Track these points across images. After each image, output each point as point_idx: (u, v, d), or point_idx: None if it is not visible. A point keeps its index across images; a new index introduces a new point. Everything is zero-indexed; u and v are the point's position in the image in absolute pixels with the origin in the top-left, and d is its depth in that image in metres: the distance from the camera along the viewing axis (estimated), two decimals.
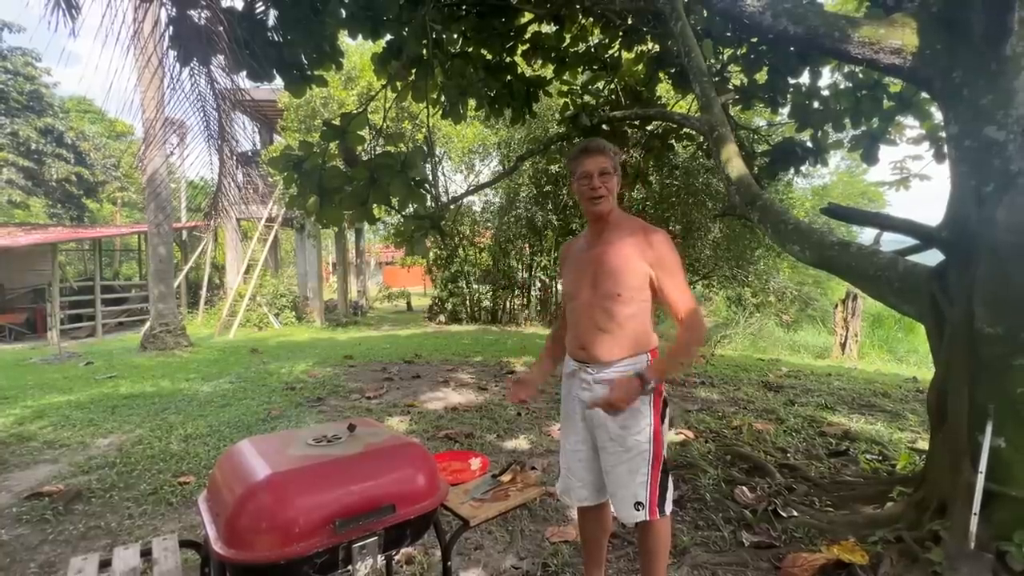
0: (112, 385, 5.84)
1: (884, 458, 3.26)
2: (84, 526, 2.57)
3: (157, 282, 8.58)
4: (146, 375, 6.42)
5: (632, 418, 1.61)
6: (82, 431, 4.10)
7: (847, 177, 20.86)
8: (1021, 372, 1.97)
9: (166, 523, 2.60)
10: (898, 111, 4.31)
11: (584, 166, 1.63)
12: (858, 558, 2.01)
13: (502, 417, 4.33)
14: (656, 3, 3.94)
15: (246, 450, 1.17)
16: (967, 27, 2.07)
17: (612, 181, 1.64)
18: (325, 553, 0.99)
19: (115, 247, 18.05)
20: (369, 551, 1.03)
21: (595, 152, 1.63)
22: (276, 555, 0.94)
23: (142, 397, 5.24)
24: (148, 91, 6.74)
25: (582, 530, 1.88)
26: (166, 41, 3.37)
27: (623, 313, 1.62)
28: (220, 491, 1.10)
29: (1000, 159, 2.02)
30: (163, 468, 3.29)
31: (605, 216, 1.67)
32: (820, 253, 2.64)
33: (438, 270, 13.83)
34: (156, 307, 8.59)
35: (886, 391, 5.28)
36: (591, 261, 1.68)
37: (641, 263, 1.61)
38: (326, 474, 1.06)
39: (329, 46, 4.16)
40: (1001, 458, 1.98)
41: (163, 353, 8.05)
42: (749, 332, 12.02)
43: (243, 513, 0.98)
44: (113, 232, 14.95)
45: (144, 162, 7.00)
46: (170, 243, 9.09)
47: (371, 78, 10.75)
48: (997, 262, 1.91)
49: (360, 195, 3.84)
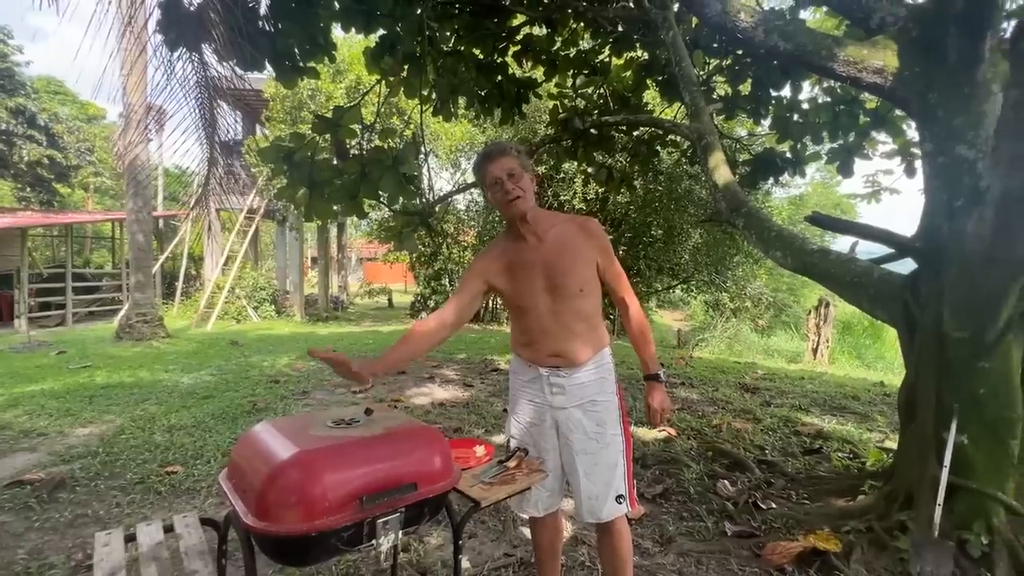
0: (87, 375, 5.70)
1: (855, 456, 3.43)
2: (71, 514, 2.55)
3: (135, 270, 8.38)
4: (123, 365, 6.28)
5: (607, 411, 1.64)
6: (59, 420, 4.01)
7: (822, 188, 21.53)
8: (984, 374, 2.12)
9: (156, 512, 2.59)
10: (873, 127, 4.51)
11: (491, 172, 1.55)
12: (832, 546, 2.14)
13: (489, 412, 4.40)
14: (648, 12, 4.06)
15: (268, 431, 1.21)
16: (943, 52, 2.22)
17: (524, 180, 1.55)
18: (351, 527, 1.04)
19: (86, 234, 17.47)
20: (392, 527, 1.08)
21: (498, 155, 1.56)
22: (307, 527, 0.99)
23: (120, 387, 5.13)
24: (131, 75, 6.59)
25: (539, 540, 1.78)
26: (152, 24, 3.32)
27: (588, 308, 1.62)
28: (244, 469, 1.14)
29: (970, 176, 2.17)
30: (148, 458, 3.25)
31: (525, 215, 1.57)
32: (801, 260, 2.78)
33: (421, 267, 13.81)
34: (133, 296, 8.39)
35: (855, 394, 5.51)
36: (538, 264, 1.58)
37: (589, 252, 1.61)
38: (351, 452, 1.11)
39: (322, 38, 4.15)
40: (964, 454, 2.13)
41: (140, 343, 7.87)
42: (726, 336, 12.34)
43: (273, 488, 1.02)
44: (87, 218, 14.50)
45: (125, 148, 6.84)
46: (149, 231, 8.88)
47: (360, 72, 10.68)
48: (965, 271, 2.06)
49: (350, 189, 3.85)
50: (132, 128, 6.78)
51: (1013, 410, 2.12)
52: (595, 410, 1.62)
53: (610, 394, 1.66)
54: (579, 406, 1.61)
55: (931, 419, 2.22)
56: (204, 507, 2.65)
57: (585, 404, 1.62)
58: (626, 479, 1.64)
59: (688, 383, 5.81)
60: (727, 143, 6.54)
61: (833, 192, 21.50)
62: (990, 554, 2.01)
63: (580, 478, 1.60)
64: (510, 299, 1.65)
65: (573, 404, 1.61)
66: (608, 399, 1.65)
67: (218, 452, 3.33)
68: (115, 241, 14.70)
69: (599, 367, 1.65)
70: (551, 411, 1.63)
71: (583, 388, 1.62)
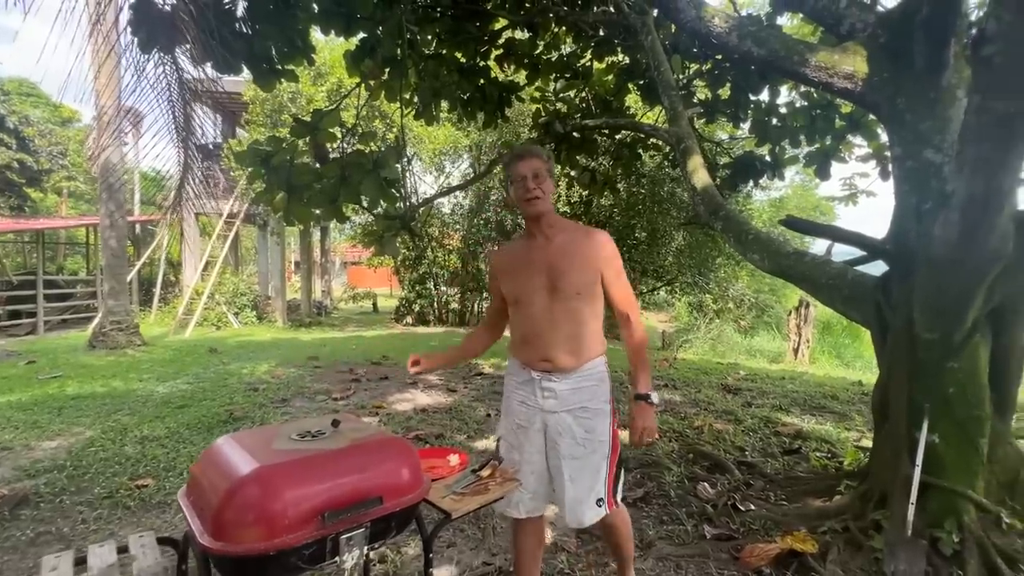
0: (58, 385, 5.53)
1: (833, 455, 3.47)
2: (32, 532, 2.45)
3: (109, 277, 8.17)
4: (95, 375, 6.11)
5: (597, 418, 1.66)
6: (25, 433, 3.88)
7: (801, 191, 21.89)
8: (953, 374, 2.16)
9: (124, 527, 2.51)
10: (848, 131, 4.60)
11: (519, 170, 1.65)
12: (809, 547, 2.15)
13: (472, 418, 4.36)
14: (628, 17, 4.08)
15: (229, 445, 1.17)
16: (910, 58, 2.26)
17: (547, 183, 1.65)
18: (313, 545, 1.01)
19: (59, 240, 17.02)
20: (356, 543, 1.05)
21: (528, 156, 1.66)
22: (266, 546, 0.95)
23: (91, 398, 4.98)
24: (103, 76, 6.44)
25: (520, 545, 1.80)
26: (122, 24, 3.23)
27: (585, 312, 1.65)
28: (203, 486, 1.10)
29: (937, 179, 2.21)
30: (118, 471, 3.16)
31: (541, 216, 1.67)
32: (778, 262, 2.81)
33: (406, 271, 13.71)
34: (107, 303, 8.17)
35: (835, 394, 5.59)
36: (542, 263, 1.65)
37: (593, 260, 1.66)
38: (314, 467, 1.07)
39: (301, 40, 4.09)
40: (935, 453, 2.16)
41: (114, 352, 7.66)
42: (709, 337, 12.45)
43: (230, 506, 0.98)
44: (59, 224, 14.11)
45: (97, 150, 6.69)
46: (124, 236, 8.68)
47: (341, 75, 10.58)
48: (933, 273, 2.09)
49: (330, 193, 3.79)
50: (104, 130, 6.63)
51: (981, 409, 2.16)
52: (585, 416, 1.65)
53: (603, 402, 1.69)
54: (570, 411, 1.65)
55: (904, 419, 2.25)
56: (174, 522, 2.57)
57: (576, 410, 1.65)
58: (607, 483, 1.67)
59: (671, 385, 5.84)
60: (708, 146, 6.63)
61: (812, 195, 21.87)
62: (961, 552, 2.03)
63: (565, 482, 1.64)
64: (510, 293, 1.73)
65: (564, 409, 1.64)
66: (600, 407, 1.67)
67: (191, 463, 3.24)
68: (89, 247, 14.34)
69: (592, 374, 1.67)
70: (541, 414, 1.67)
71: (575, 394, 1.65)
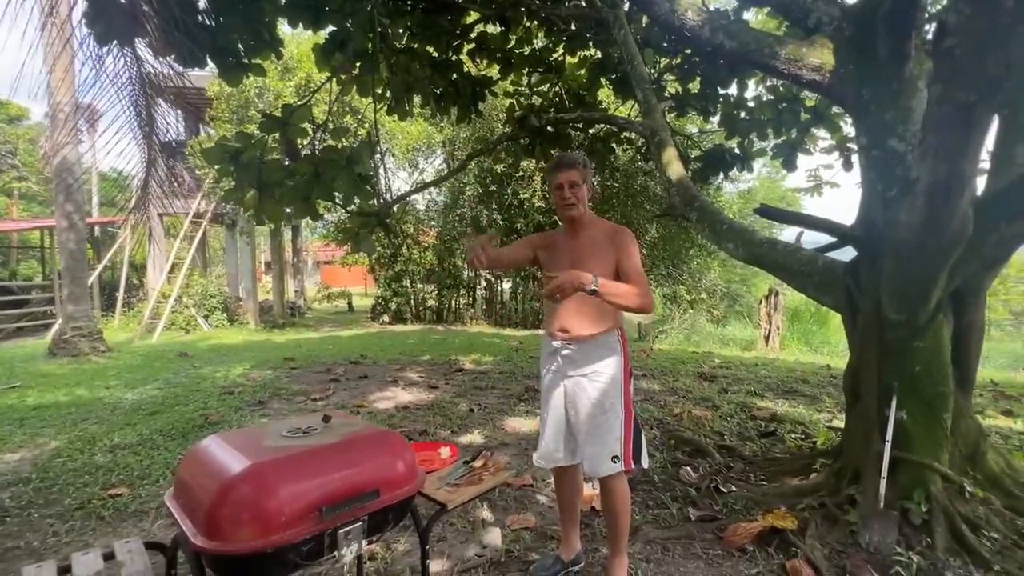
0: (17, 395, 5.27)
1: (806, 436, 3.60)
2: (0, 548, 2.34)
3: (68, 281, 7.81)
4: (58, 383, 5.85)
5: (610, 384, 1.88)
6: None
7: (768, 183, 22.51)
8: (919, 353, 2.27)
9: (99, 538, 2.42)
10: (813, 123, 4.75)
11: (557, 179, 1.93)
12: (789, 524, 2.23)
13: (454, 414, 4.35)
14: (600, 11, 4.11)
15: (218, 444, 1.14)
16: (874, 51, 2.35)
17: (582, 191, 1.92)
18: (311, 540, 0.99)
19: (11, 244, 16.18)
20: (354, 536, 1.05)
21: (565, 167, 1.92)
22: (263, 544, 0.93)
23: (55, 407, 4.77)
24: (57, 71, 6.13)
25: (559, 493, 2.11)
26: (77, 16, 3.08)
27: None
28: (192, 487, 1.07)
29: (901, 167, 2.31)
30: (89, 481, 3.04)
31: (578, 219, 1.96)
32: (751, 250, 2.89)
33: (381, 269, 13.53)
34: (67, 309, 7.82)
35: (805, 378, 5.79)
36: (570, 250, 1.96)
37: (610, 253, 1.90)
38: (308, 462, 1.06)
39: (268, 33, 3.98)
40: (904, 428, 2.27)
41: (76, 359, 7.34)
42: (684, 327, 12.69)
43: (225, 504, 0.96)
44: (11, 227, 13.41)
45: (53, 150, 6.37)
46: (83, 238, 8.30)
47: (310, 69, 10.35)
48: (899, 258, 2.19)
49: (303, 190, 3.71)
50: (60, 128, 6.33)
51: (945, 385, 2.28)
52: (598, 380, 1.88)
53: (614, 368, 1.90)
54: (585, 375, 1.90)
55: (874, 398, 2.35)
56: (153, 530, 2.50)
57: (590, 374, 1.89)
58: (623, 442, 1.87)
59: (650, 374, 5.95)
60: (679, 140, 6.73)
61: (779, 187, 22.51)
62: (929, 521, 2.15)
63: (583, 438, 1.90)
64: (544, 269, 2.03)
65: (579, 373, 1.91)
66: (612, 372, 1.89)
67: (167, 470, 3.15)
68: (44, 250, 13.68)
69: (605, 343, 1.91)
70: (563, 379, 1.95)
71: (588, 360, 1.90)
